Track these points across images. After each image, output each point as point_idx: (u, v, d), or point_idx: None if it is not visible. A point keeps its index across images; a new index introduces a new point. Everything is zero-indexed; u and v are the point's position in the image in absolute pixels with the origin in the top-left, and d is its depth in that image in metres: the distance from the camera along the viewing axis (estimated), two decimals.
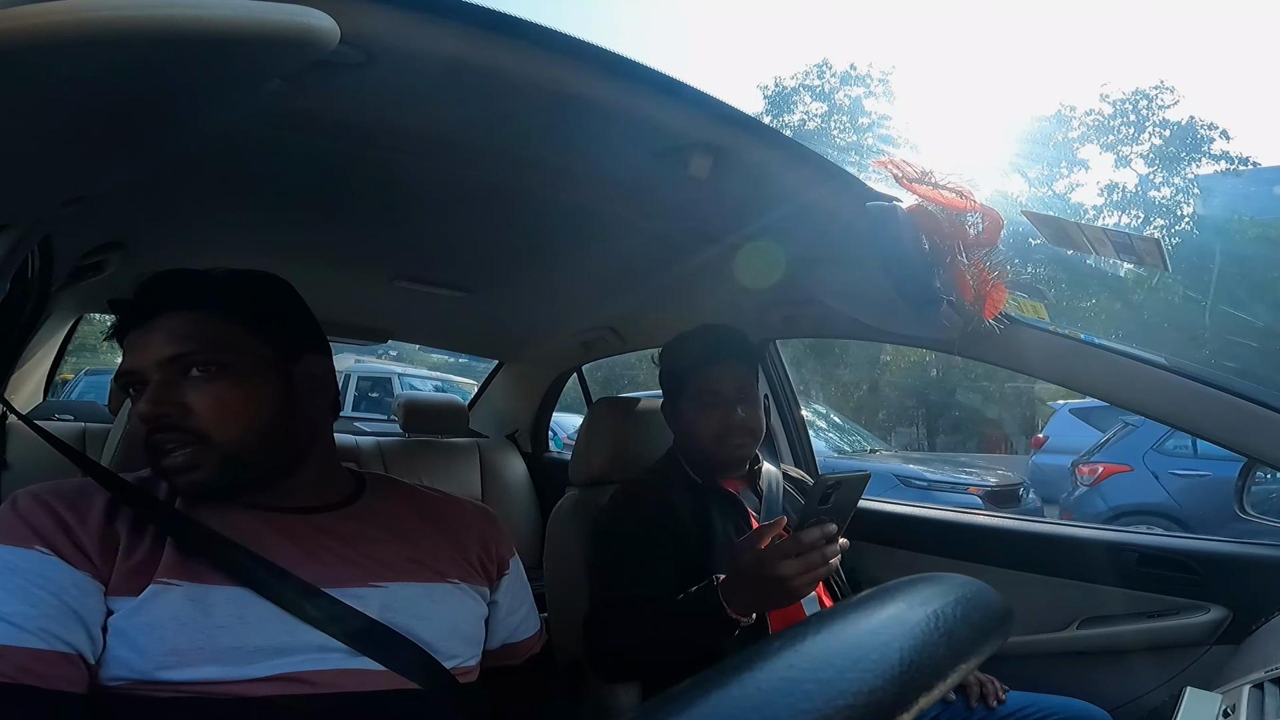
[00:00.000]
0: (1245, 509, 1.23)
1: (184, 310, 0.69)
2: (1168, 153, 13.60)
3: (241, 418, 0.68)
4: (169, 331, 0.68)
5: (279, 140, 0.85)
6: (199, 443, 0.66)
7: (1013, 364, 1.16)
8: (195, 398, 0.66)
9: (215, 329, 0.69)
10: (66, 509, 0.62)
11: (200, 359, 0.67)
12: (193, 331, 0.68)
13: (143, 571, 0.62)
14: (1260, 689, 0.65)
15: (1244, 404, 0.95)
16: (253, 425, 0.68)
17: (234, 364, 0.69)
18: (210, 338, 0.68)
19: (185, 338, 0.67)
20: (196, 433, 0.66)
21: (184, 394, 0.66)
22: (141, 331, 0.69)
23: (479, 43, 0.64)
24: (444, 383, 6.88)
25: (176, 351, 0.67)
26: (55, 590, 0.58)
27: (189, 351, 0.67)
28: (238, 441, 0.67)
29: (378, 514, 0.75)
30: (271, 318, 0.73)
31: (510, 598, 0.82)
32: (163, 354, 0.67)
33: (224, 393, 0.67)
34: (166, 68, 0.48)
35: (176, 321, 0.68)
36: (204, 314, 0.69)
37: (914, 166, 0.97)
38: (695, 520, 1.11)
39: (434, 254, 1.44)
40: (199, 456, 0.66)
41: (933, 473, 4.84)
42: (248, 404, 0.68)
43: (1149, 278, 11.59)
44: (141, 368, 0.67)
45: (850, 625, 0.28)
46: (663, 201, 1.03)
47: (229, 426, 0.67)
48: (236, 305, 0.71)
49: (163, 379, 0.67)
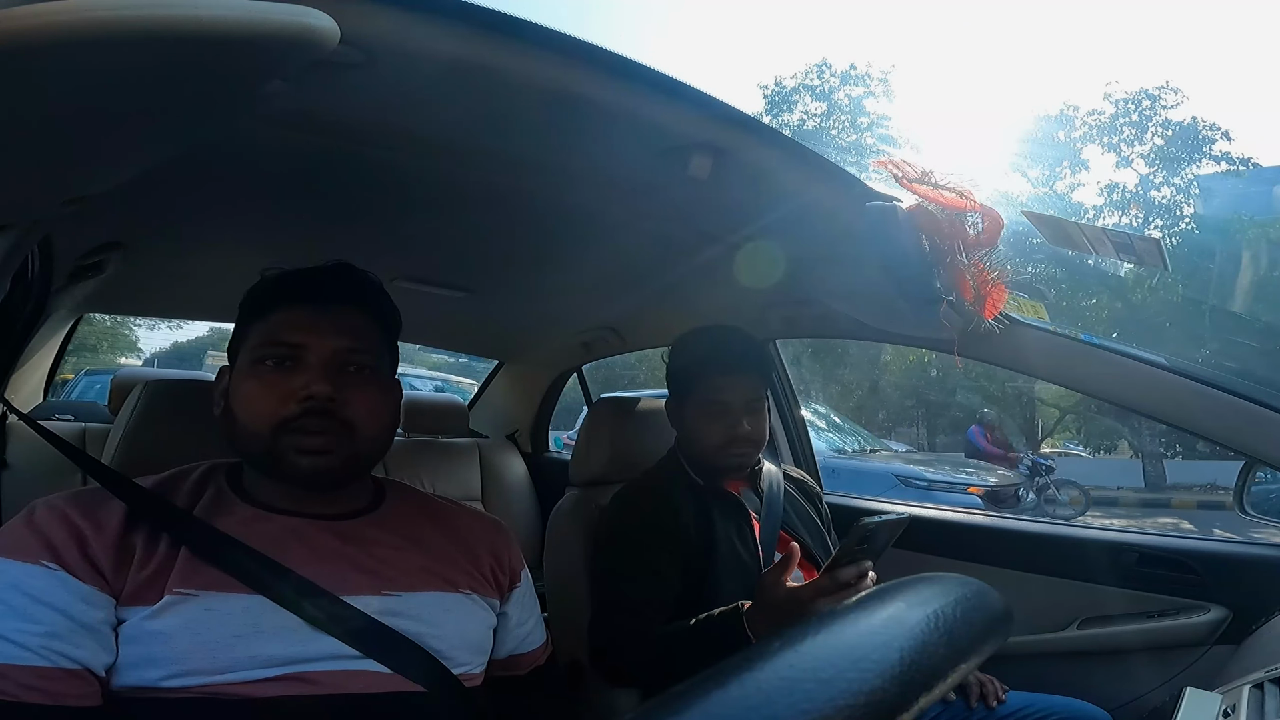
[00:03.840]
0: (1245, 509, 1.23)
1: (358, 307, 0.74)
2: (1169, 153, 13.58)
3: (383, 420, 0.73)
4: (345, 324, 0.72)
5: (279, 140, 0.85)
6: (344, 433, 0.69)
7: (1013, 364, 1.15)
8: (355, 393, 0.70)
9: (376, 335, 0.75)
10: (83, 518, 0.62)
11: (362, 358, 0.72)
12: (364, 331, 0.74)
13: (158, 579, 0.62)
14: (1260, 689, 0.66)
15: (1244, 404, 0.95)
16: (388, 431, 0.75)
17: (382, 371, 0.75)
18: (373, 342, 0.75)
19: (359, 335, 0.73)
20: (347, 424, 0.69)
21: (346, 385, 0.70)
22: (313, 311, 0.72)
23: (479, 43, 0.64)
24: (444, 383, 6.88)
25: (350, 345, 0.71)
26: (61, 606, 0.57)
27: (358, 349, 0.72)
28: (372, 443, 0.72)
29: (396, 522, 0.76)
30: (395, 338, 0.80)
31: (520, 610, 0.82)
32: (339, 344, 0.71)
33: (376, 395, 0.73)
34: (166, 68, 0.48)
35: (352, 317, 0.73)
36: (369, 317, 0.75)
37: (914, 166, 0.97)
38: (696, 521, 1.11)
39: (434, 254, 1.44)
40: (337, 444, 0.69)
41: (933, 473, 4.84)
42: (389, 410, 0.75)
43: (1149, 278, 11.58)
44: (310, 347, 0.70)
45: (850, 625, 0.28)
46: (663, 201, 1.03)
47: (373, 427, 0.72)
48: (387, 315, 0.78)
49: (330, 363, 0.70)
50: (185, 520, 0.66)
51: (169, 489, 0.70)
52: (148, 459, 0.84)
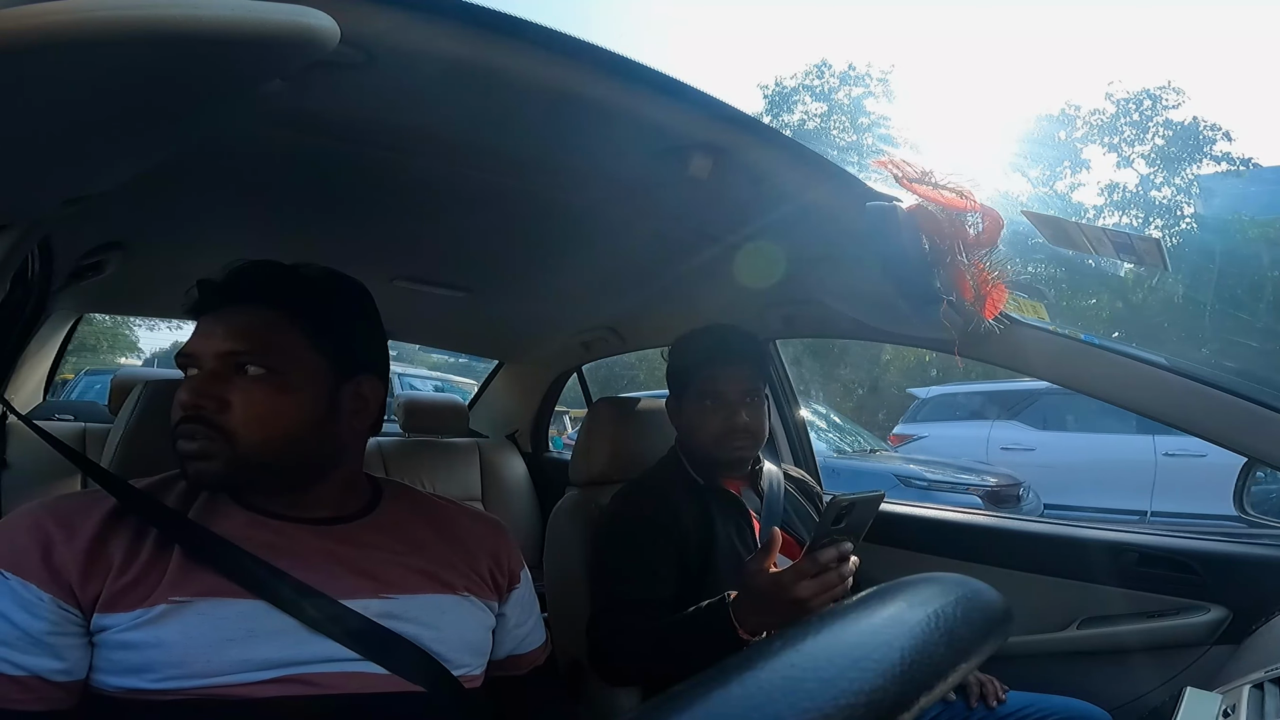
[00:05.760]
0: (1245, 509, 1.23)
1: (257, 306, 0.69)
2: (1170, 153, 13.59)
3: (272, 427, 0.67)
4: (235, 325, 0.68)
5: (279, 140, 0.85)
6: (220, 438, 0.66)
7: (1013, 364, 1.15)
8: (238, 396, 0.66)
9: (280, 333, 0.69)
10: (56, 525, 0.62)
11: (255, 360, 0.67)
12: (257, 331, 0.68)
13: (143, 584, 0.62)
14: (1260, 689, 0.66)
15: (1244, 404, 0.95)
16: (279, 436, 0.68)
17: (286, 372, 0.68)
18: (271, 341, 0.68)
19: (247, 336, 0.68)
20: (223, 429, 0.66)
21: (229, 390, 0.66)
22: (212, 317, 0.69)
23: (479, 43, 0.64)
24: (444, 383, 6.88)
25: (234, 348, 0.67)
26: (3, 612, 0.58)
27: (246, 350, 0.67)
28: (259, 448, 0.67)
29: (392, 525, 0.75)
30: (339, 333, 0.72)
31: (519, 611, 0.82)
32: (222, 347, 0.67)
33: (266, 399, 0.67)
34: (166, 68, 0.48)
35: (246, 317, 0.69)
36: (275, 315, 0.69)
37: (914, 166, 0.97)
38: (696, 520, 1.11)
39: (434, 254, 1.44)
40: (212, 449, 0.66)
41: (933, 473, 4.83)
42: (283, 415, 0.68)
43: (1149, 278, 11.59)
44: (199, 353, 0.68)
45: (851, 625, 0.28)
46: (663, 201, 1.03)
47: (255, 432, 0.66)
48: (309, 313, 0.71)
49: (215, 370, 0.67)
50: (182, 524, 0.66)
51: (160, 492, 0.69)
52: (147, 459, 0.84)
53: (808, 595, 0.83)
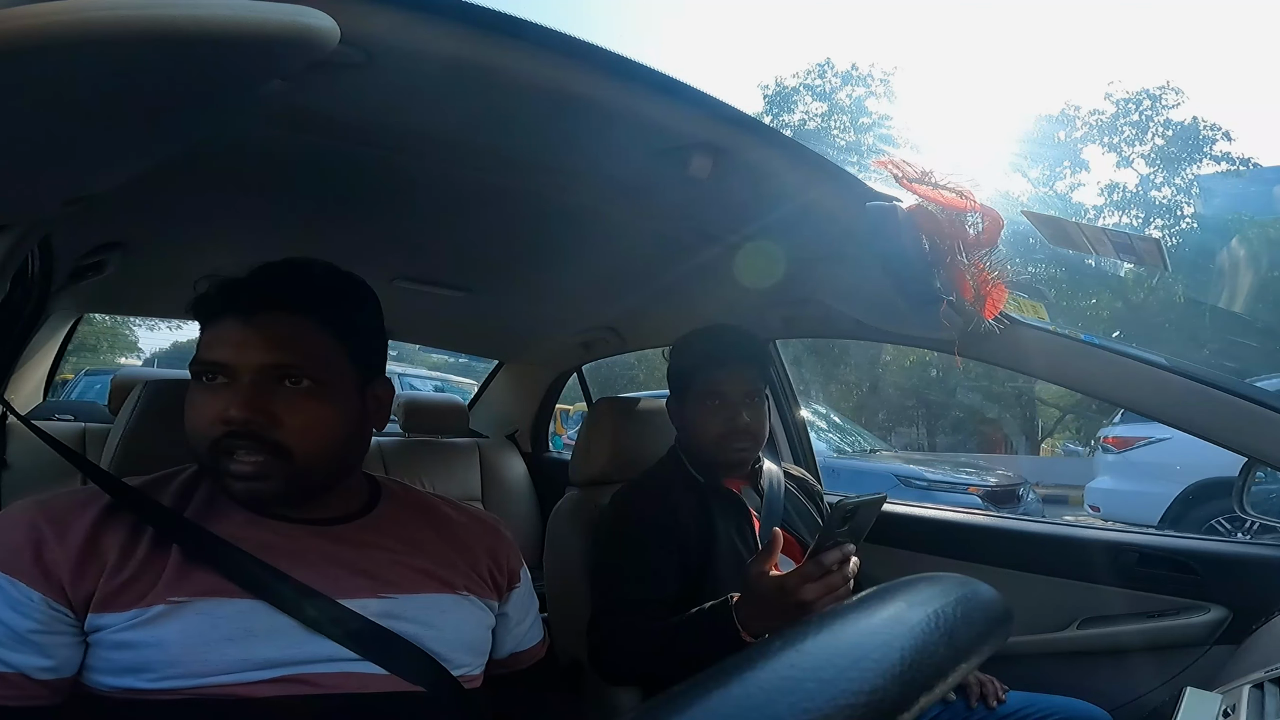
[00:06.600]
0: (1245, 509, 1.23)
1: (291, 313, 0.66)
2: (1170, 153, 13.59)
3: (324, 440, 0.66)
4: (274, 335, 0.65)
5: (279, 140, 0.85)
6: (276, 455, 0.64)
7: (1013, 364, 1.15)
8: (285, 410, 0.64)
9: (319, 343, 0.67)
10: (48, 524, 0.61)
11: (302, 373, 0.65)
12: (298, 342, 0.66)
13: (141, 582, 0.61)
14: (1260, 689, 0.65)
15: (1244, 404, 0.95)
16: (330, 448, 0.67)
17: (328, 383, 0.67)
18: (313, 353, 0.66)
19: (291, 347, 0.65)
20: (278, 446, 0.64)
21: (273, 403, 0.64)
22: (241, 324, 0.65)
23: (479, 43, 0.64)
24: (444, 383, 6.87)
25: (279, 360, 0.65)
26: None
27: (291, 363, 0.65)
28: (314, 462, 0.66)
29: (391, 525, 0.75)
30: (363, 337, 0.72)
31: (518, 609, 0.82)
32: (266, 359, 0.64)
33: (316, 411, 0.66)
34: (167, 68, 0.48)
35: (282, 325, 0.66)
36: (310, 323, 0.67)
37: (914, 166, 0.97)
38: (697, 520, 1.11)
39: (434, 254, 1.44)
40: (270, 468, 0.64)
41: (933, 473, 4.84)
42: (332, 427, 0.67)
43: (1149, 278, 11.60)
44: (235, 365, 0.64)
45: (851, 625, 0.28)
46: (663, 201, 1.03)
47: (311, 447, 0.65)
48: (341, 319, 0.69)
49: (257, 382, 0.64)
50: (181, 524, 0.65)
51: (155, 491, 0.69)
52: (147, 459, 0.84)
53: (812, 598, 0.83)
